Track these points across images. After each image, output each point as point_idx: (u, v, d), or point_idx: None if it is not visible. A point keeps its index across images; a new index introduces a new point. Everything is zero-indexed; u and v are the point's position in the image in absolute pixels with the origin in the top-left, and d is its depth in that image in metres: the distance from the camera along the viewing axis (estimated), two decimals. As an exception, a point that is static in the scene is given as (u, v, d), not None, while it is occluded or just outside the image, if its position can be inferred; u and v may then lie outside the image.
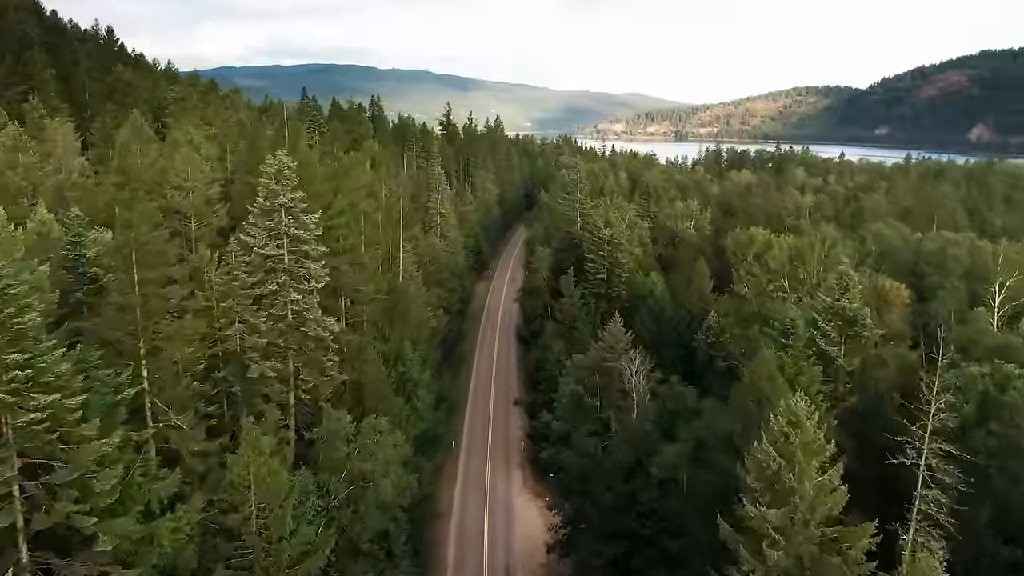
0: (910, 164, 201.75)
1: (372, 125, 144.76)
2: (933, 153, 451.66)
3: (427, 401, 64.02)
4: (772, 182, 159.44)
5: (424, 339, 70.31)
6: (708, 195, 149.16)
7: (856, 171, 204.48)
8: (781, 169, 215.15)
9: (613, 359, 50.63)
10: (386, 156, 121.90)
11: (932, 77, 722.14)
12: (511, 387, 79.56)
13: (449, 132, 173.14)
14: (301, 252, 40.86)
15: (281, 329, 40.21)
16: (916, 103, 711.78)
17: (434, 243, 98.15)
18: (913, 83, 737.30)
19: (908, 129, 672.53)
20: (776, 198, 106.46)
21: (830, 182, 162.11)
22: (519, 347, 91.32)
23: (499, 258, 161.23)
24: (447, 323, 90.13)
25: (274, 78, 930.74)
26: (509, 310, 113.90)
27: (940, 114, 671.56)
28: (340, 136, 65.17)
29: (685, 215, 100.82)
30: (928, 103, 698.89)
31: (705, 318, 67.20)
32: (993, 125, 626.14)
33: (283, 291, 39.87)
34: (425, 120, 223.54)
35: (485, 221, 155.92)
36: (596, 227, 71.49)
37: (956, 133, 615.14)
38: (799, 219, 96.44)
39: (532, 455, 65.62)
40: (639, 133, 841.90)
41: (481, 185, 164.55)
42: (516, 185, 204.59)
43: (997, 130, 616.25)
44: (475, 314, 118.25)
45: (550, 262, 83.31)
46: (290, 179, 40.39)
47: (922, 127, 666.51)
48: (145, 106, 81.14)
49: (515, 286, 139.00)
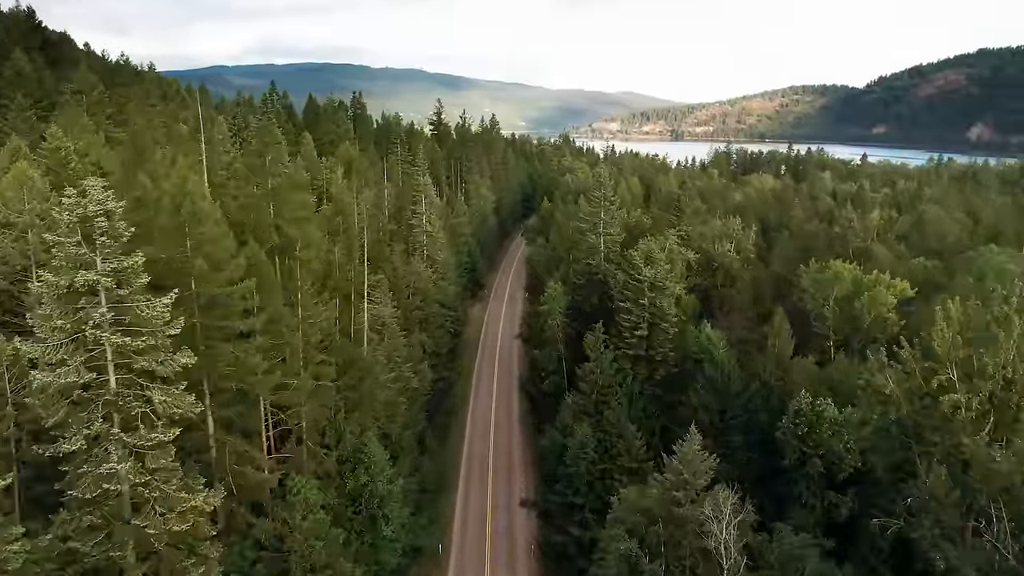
0: (943, 166, 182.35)
1: (353, 125, 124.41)
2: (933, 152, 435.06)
3: (400, 519, 44.44)
4: (803, 189, 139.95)
5: (399, 422, 50.64)
6: (731, 204, 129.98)
7: (884, 174, 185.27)
8: (799, 172, 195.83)
9: (686, 500, 31.32)
10: (364, 162, 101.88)
11: (930, 76, 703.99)
12: (515, 473, 59.47)
13: (440, 133, 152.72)
14: (137, 371, 21.21)
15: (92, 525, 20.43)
16: (914, 102, 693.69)
17: (418, 271, 78.34)
18: (911, 82, 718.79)
19: (906, 128, 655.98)
20: (838, 217, 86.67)
21: (865, 188, 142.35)
22: (525, 406, 71.46)
23: (496, 272, 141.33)
24: (433, 376, 70.60)
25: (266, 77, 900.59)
26: (509, 347, 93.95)
27: (938, 113, 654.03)
28: (268, 141, 44.41)
29: (724, 235, 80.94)
30: (926, 102, 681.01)
31: (786, 393, 47.93)
32: (993, 124, 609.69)
33: (97, 452, 20.13)
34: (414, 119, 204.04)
35: (480, 233, 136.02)
36: (634, 266, 51.57)
37: (955, 132, 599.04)
38: (867, 241, 76.93)
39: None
40: (634, 132, 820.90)
41: (475, 191, 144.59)
42: (514, 190, 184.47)
43: (997, 129, 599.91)
44: (469, 346, 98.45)
45: (564, 302, 63.44)
46: (112, 235, 20.72)
47: (920, 126, 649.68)
48: (28, 100, 60.82)
49: (515, 309, 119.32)
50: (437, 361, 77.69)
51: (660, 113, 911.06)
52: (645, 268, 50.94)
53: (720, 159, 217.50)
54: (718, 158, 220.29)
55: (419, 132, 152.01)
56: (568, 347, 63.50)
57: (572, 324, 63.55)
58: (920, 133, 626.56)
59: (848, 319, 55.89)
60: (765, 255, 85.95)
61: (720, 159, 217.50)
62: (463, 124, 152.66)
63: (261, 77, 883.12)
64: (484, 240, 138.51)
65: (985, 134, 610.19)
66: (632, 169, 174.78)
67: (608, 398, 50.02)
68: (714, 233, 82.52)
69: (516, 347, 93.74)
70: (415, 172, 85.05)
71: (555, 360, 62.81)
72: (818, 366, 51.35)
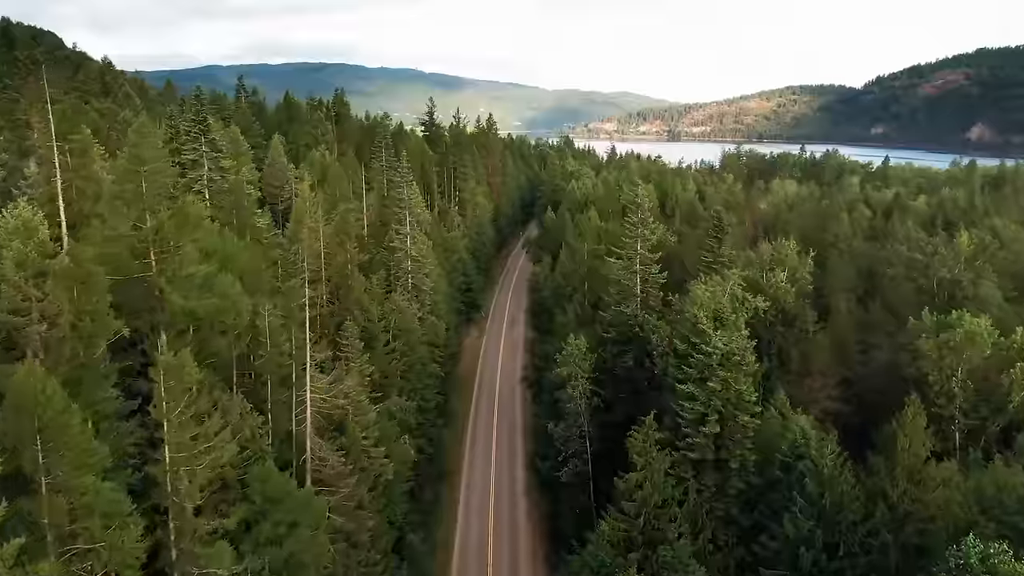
0: (974, 170, 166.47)
1: (331, 127, 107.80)
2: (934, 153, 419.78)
3: None
4: (836, 197, 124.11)
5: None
6: (758, 216, 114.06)
7: (912, 179, 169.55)
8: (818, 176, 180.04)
9: None
10: (341, 170, 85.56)
11: (929, 75, 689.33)
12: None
13: (432, 135, 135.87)
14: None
15: None
16: (913, 102, 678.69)
17: (402, 309, 62.08)
18: (909, 82, 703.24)
19: (906, 128, 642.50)
20: (906, 237, 70.57)
21: (902, 196, 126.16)
22: (533, 497, 54.99)
23: (494, 288, 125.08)
24: (416, 444, 54.47)
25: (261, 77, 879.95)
26: (511, 395, 77.70)
27: (938, 113, 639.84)
28: (145, 155, 28.33)
29: (776, 262, 64.69)
30: (925, 102, 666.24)
31: (924, 521, 32.05)
32: (993, 124, 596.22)
33: None
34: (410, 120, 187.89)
35: (477, 246, 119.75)
36: (697, 329, 35.07)
37: (955, 132, 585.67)
38: (954, 270, 60.66)
39: None
40: (631, 132, 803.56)
41: (471, 199, 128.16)
42: (513, 196, 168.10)
43: (998, 129, 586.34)
44: (464, 384, 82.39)
45: (589, 362, 47.05)
46: None
47: (920, 126, 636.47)
48: None
49: (516, 335, 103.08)
50: (423, 419, 61.64)
51: (657, 113, 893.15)
52: (716, 335, 34.77)
53: (731, 161, 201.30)
54: (729, 160, 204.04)
55: (410, 134, 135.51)
56: (593, 420, 47.39)
57: (599, 390, 47.38)
58: (919, 133, 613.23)
59: (983, 397, 40.00)
60: (821, 286, 69.76)
61: (731, 161, 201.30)
62: (457, 125, 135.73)
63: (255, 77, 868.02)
64: (481, 254, 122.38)
65: (985, 134, 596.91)
66: (641, 173, 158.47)
67: (662, 524, 33.93)
68: (763, 260, 66.38)
69: (520, 392, 77.72)
70: (398, 185, 68.61)
71: (576, 439, 46.61)
72: (960, 473, 35.44)
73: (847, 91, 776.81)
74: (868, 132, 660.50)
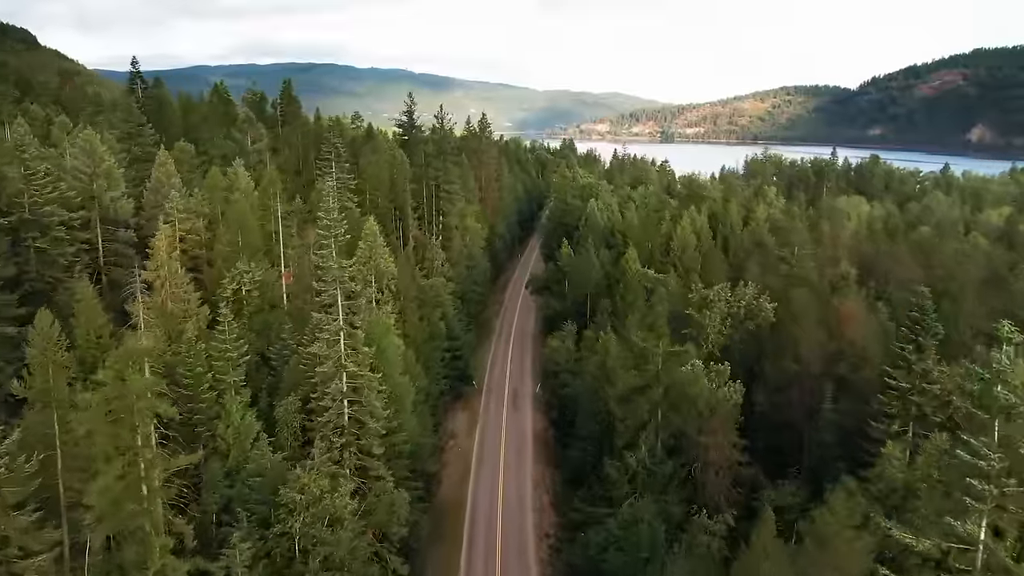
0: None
1: (263, 131, 76.61)
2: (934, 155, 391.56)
3: None
4: (930, 223, 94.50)
5: None
6: (841, 248, 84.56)
7: (976, 191, 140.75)
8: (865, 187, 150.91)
9: None
10: (252, 203, 54.81)
11: (926, 76, 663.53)
12: None
13: (411, 139, 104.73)
14: None
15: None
16: (910, 103, 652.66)
17: (314, 492, 31.89)
18: (906, 82, 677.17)
19: (903, 130, 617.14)
20: None
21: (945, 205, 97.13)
22: None
23: (489, 338, 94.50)
24: None
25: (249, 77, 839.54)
26: (520, 535, 47.52)
27: (936, 114, 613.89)
28: None
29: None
30: (923, 103, 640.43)
31: None
32: (994, 126, 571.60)
33: None
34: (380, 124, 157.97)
35: (467, 289, 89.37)
36: None
37: (954, 134, 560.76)
38: None
39: None
40: (624, 133, 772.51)
41: (460, 222, 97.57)
42: (509, 212, 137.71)
43: (999, 131, 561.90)
44: (446, 537, 52.60)
45: None
46: None
47: (918, 128, 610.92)
48: None
49: (522, 422, 72.72)
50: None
51: (650, 114, 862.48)
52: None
53: (759, 168, 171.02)
54: (756, 167, 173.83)
55: (380, 139, 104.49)
56: None
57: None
58: (918, 135, 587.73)
59: None
60: None
61: (759, 168, 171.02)
62: (442, 128, 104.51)
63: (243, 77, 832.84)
64: (472, 295, 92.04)
65: (986, 136, 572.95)
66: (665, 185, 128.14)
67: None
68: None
69: (534, 534, 47.53)
70: (324, 238, 37.29)
71: None
72: None
73: (842, 92, 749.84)
74: (865, 133, 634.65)
